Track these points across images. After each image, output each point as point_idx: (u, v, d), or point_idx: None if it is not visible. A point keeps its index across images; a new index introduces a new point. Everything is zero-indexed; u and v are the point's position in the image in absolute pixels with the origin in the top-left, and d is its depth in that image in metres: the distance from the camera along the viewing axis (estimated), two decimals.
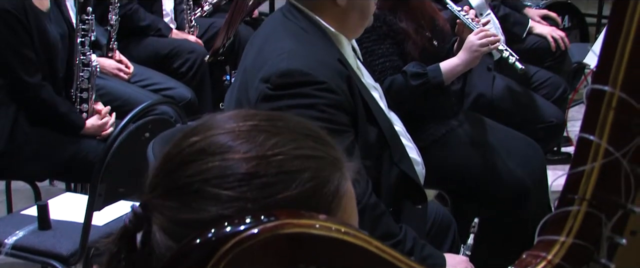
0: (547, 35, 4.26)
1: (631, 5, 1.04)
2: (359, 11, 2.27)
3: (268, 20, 2.48)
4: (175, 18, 4.47)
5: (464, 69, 2.88)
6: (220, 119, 1.01)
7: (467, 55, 2.86)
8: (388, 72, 2.81)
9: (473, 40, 2.86)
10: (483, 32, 2.88)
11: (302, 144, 0.98)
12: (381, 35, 2.84)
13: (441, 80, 2.84)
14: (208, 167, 0.95)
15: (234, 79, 3.51)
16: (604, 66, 1.10)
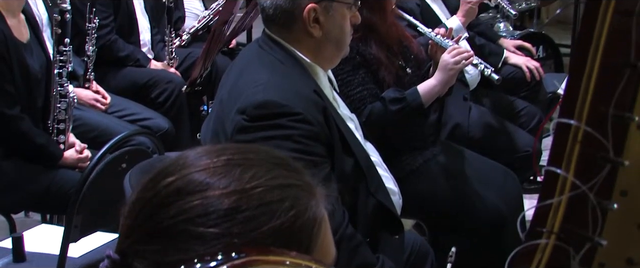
0: (522, 65, 4.30)
1: (594, 43, 1.07)
2: (335, 42, 2.30)
3: (244, 51, 2.50)
4: (153, 48, 4.48)
5: (442, 89, 2.90)
6: (193, 157, 1.01)
7: (443, 75, 2.88)
8: (367, 101, 2.83)
9: (447, 59, 2.88)
10: (455, 50, 2.90)
11: (277, 174, 0.99)
12: (355, 65, 2.86)
13: (420, 103, 2.85)
14: (190, 206, 0.95)
15: (210, 109, 3.52)
16: (570, 101, 1.13)
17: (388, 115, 2.81)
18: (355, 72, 2.85)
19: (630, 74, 1.09)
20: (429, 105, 2.90)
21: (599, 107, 1.10)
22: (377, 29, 2.91)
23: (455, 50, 2.90)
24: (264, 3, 2.25)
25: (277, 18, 2.24)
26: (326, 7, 2.23)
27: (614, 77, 1.10)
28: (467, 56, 2.90)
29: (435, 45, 2.99)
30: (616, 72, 1.10)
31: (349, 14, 2.30)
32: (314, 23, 2.23)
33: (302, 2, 2.21)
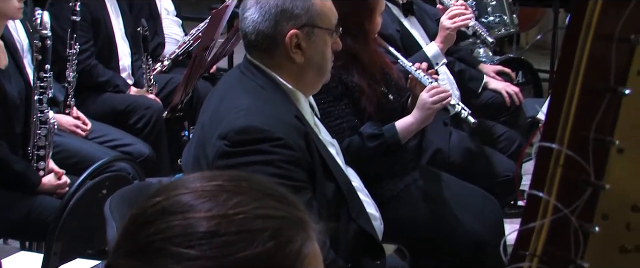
0: (502, 90, 4.31)
1: (574, 68, 1.08)
2: (316, 68, 2.30)
3: (226, 77, 2.50)
4: (133, 74, 4.47)
5: (419, 126, 2.93)
6: (186, 180, 1.03)
7: (421, 113, 2.91)
8: (346, 134, 2.83)
9: (425, 98, 2.90)
10: (434, 89, 2.92)
11: (264, 204, 0.99)
12: (336, 95, 2.87)
13: (398, 140, 2.87)
14: (170, 226, 0.96)
15: (192, 134, 3.51)
16: (552, 125, 1.14)
17: (365, 151, 2.82)
18: (337, 102, 2.87)
19: (610, 99, 1.10)
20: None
21: (580, 131, 1.11)
22: (359, 57, 2.93)
23: (434, 89, 2.92)
24: (246, 28, 2.26)
25: (259, 43, 2.25)
26: (308, 33, 2.24)
27: (594, 101, 1.11)
28: (445, 96, 2.92)
29: (415, 80, 3.01)
30: (597, 97, 1.11)
31: (331, 40, 2.31)
32: (295, 49, 2.24)
33: (284, 28, 2.22)
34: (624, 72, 1.11)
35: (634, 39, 1.09)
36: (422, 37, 3.85)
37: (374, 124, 2.89)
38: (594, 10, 1.06)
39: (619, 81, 1.10)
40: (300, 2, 2.23)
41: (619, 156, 1.16)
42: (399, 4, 3.79)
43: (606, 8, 1.06)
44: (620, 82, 1.10)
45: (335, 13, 2.32)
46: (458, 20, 3.62)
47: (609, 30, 1.08)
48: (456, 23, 3.62)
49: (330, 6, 2.31)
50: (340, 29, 2.36)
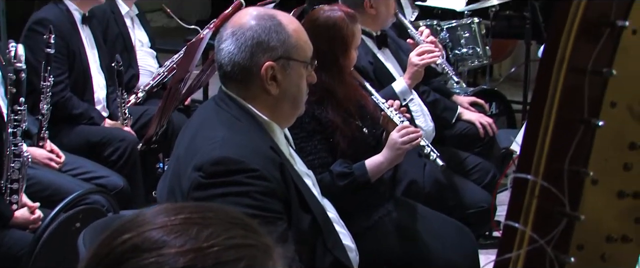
0: (476, 121, 4.34)
1: (549, 100, 1.09)
2: (291, 100, 2.31)
3: (201, 108, 2.49)
4: (108, 106, 4.45)
5: (389, 166, 2.95)
6: (150, 215, 1.01)
7: (391, 153, 2.93)
8: (317, 171, 2.84)
9: (395, 138, 2.92)
10: (405, 129, 2.94)
11: (234, 233, 0.99)
12: (309, 131, 2.88)
13: (367, 179, 2.90)
14: (145, 263, 0.95)
15: (167, 166, 3.49)
16: (526, 156, 1.15)
17: (335, 189, 2.83)
18: (310, 138, 2.88)
19: (584, 130, 1.11)
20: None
21: (555, 162, 1.12)
22: (334, 93, 2.95)
23: (405, 129, 2.94)
24: (222, 60, 2.26)
25: (235, 75, 2.25)
26: (284, 65, 2.25)
27: (569, 133, 1.12)
28: (415, 137, 2.94)
29: (387, 117, 3.03)
30: (571, 128, 1.12)
31: (306, 73, 2.32)
32: (271, 81, 2.24)
33: (260, 60, 2.22)
34: (597, 104, 1.13)
35: (606, 72, 1.10)
36: (396, 69, 3.87)
37: (344, 161, 2.91)
38: (567, 44, 1.08)
39: (593, 113, 1.11)
40: (276, 34, 2.24)
41: (593, 187, 1.17)
42: (373, 36, 3.83)
43: (579, 42, 1.08)
44: (593, 113, 1.12)
45: (311, 46, 2.34)
46: (426, 58, 3.65)
47: (582, 63, 1.10)
48: (424, 60, 3.64)
49: (306, 39, 2.32)
50: (315, 63, 2.37)
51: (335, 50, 3.02)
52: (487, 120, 4.36)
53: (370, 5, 3.75)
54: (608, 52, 1.10)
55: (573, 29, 1.08)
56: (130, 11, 4.94)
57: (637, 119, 1.11)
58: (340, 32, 3.06)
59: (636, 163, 1.16)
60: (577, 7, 1.07)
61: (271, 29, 2.23)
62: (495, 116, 5.18)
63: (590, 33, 1.09)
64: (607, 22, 1.09)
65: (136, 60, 4.90)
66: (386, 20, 3.87)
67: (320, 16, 3.10)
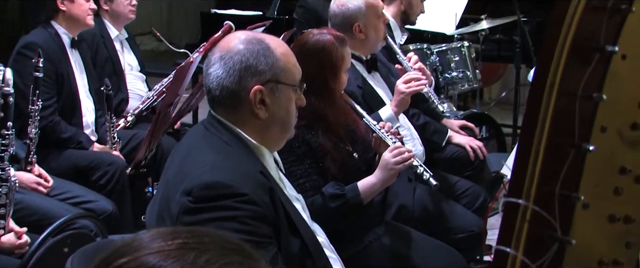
0: (466, 145, 4.34)
1: (539, 124, 1.09)
2: (280, 124, 2.31)
3: (190, 132, 2.49)
4: (96, 130, 4.44)
5: (382, 187, 2.95)
6: (146, 239, 1.00)
7: (384, 174, 2.93)
8: (308, 193, 2.83)
9: (388, 159, 2.93)
10: (397, 149, 2.94)
11: (232, 260, 0.98)
12: (299, 155, 2.88)
13: (360, 200, 2.89)
14: None
15: (156, 191, 3.48)
16: (518, 180, 1.14)
17: (327, 211, 2.83)
18: (300, 163, 2.88)
19: (575, 155, 1.11)
20: None
21: (546, 186, 1.12)
22: (324, 117, 2.95)
23: (397, 149, 2.94)
24: (210, 84, 2.26)
25: (223, 99, 2.25)
26: (272, 89, 2.24)
27: (559, 157, 1.12)
28: (408, 157, 2.94)
29: (379, 139, 3.03)
30: (562, 153, 1.12)
31: (295, 96, 2.32)
32: (259, 104, 2.24)
33: (249, 84, 2.22)
34: (588, 129, 1.13)
35: (596, 96, 1.10)
36: (386, 93, 3.88)
37: (336, 183, 2.90)
38: (558, 69, 1.08)
39: (583, 137, 1.12)
40: (264, 58, 2.24)
41: (584, 211, 1.17)
42: (363, 60, 3.84)
43: (569, 66, 1.08)
44: (584, 138, 1.12)
45: (299, 69, 2.34)
46: (413, 86, 3.65)
47: (573, 87, 1.10)
48: (410, 88, 3.64)
49: (294, 62, 2.32)
50: (304, 86, 2.37)
51: (324, 73, 3.03)
52: (477, 143, 4.37)
53: (360, 30, 3.77)
54: (598, 77, 1.11)
55: (563, 54, 1.08)
56: (119, 35, 4.95)
57: (627, 144, 1.12)
58: (329, 55, 3.06)
59: (626, 188, 1.16)
60: (567, 31, 1.07)
61: (259, 52, 2.23)
62: (485, 140, 5.19)
63: (581, 58, 1.10)
64: (597, 47, 1.10)
65: (125, 84, 4.90)
66: (376, 44, 3.89)
67: (309, 40, 3.11)
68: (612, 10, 1.07)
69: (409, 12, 4.95)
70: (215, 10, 7.69)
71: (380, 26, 3.86)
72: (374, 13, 3.84)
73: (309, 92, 2.44)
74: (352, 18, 3.78)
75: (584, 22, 1.08)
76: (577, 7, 1.07)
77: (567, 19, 1.07)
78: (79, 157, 4.19)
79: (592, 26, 1.10)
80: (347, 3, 3.81)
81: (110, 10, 4.88)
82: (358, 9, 3.79)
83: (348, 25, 3.75)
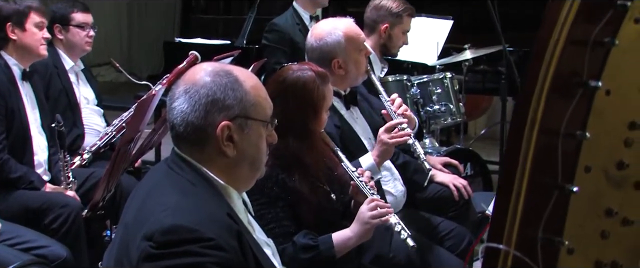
0: (449, 183, 4.36)
1: (520, 163, 1.12)
2: (249, 162, 2.31)
3: (152, 171, 2.49)
4: (49, 169, 4.42)
5: (357, 242, 2.97)
6: None
7: (359, 228, 2.95)
8: (278, 240, 2.84)
9: (364, 212, 2.95)
10: (375, 202, 2.96)
11: None
12: (272, 198, 2.88)
13: (333, 254, 2.90)
14: None
15: (114, 235, 3.46)
16: (498, 223, 1.17)
17: (298, 262, 2.83)
18: (272, 205, 2.88)
19: (558, 196, 1.14)
20: None
21: (528, 230, 1.14)
22: (303, 159, 2.95)
23: (374, 202, 2.96)
24: (174, 119, 2.26)
25: (188, 136, 2.25)
26: (241, 125, 2.25)
27: (542, 199, 1.14)
28: (386, 213, 2.97)
29: (356, 187, 3.05)
30: (544, 194, 1.14)
31: (265, 133, 2.33)
32: (227, 141, 2.24)
33: (215, 119, 2.22)
34: (572, 169, 1.15)
35: (579, 134, 1.13)
36: (364, 131, 3.89)
37: (309, 233, 2.91)
38: (539, 105, 1.10)
39: (567, 178, 1.14)
40: (232, 91, 2.24)
41: (569, 257, 1.19)
42: (341, 95, 3.84)
43: (550, 103, 1.10)
44: (567, 179, 1.14)
45: (270, 103, 2.34)
46: (396, 136, 3.64)
47: (555, 125, 1.12)
48: (394, 139, 3.64)
49: (265, 96, 2.33)
50: (276, 121, 2.38)
51: (304, 113, 3.03)
52: (461, 182, 4.39)
53: (339, 65, 3.76)
54: (581, 114, 1.13)
55: (544, 90, 1.10)
56: (75, 66, 4.95)
57: (613, 184, 1.14)
58: (310, 94, 3.06)
59: (613, 231, 1.19)
60: (548, 66, 1.10)
61: (227, 85, 2.24)
62: (470, 178, 5.22)
63: (563, 94, 1.12)
64: (580, 82, 1.13)
65: (81, 118, 4.89)
66: (356, 79, 3.88)
67: (288, 76, 3.10)
68: (595, 43, 1.10)
69: (388, 44, 5.01)
70: (180, 39, 7.71)
71: (361, 60, 3.85)
72: (355, 47, 3.83)
73: (286, 133, 2.46)
74: (331, 53, 3.77)
75: (566, 56, 1.10)
76: (558, 41, 1.10)
77: (547, 53, 1.10)
78: (30, 199, 4.16)
79: (574, 61, 1.13)
80: (326, 37, 3.80)
81: (65, 39, 4.89)
82: (337, 43, 3.78)
83: (326, 60, 3.74)
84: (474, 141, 7.59)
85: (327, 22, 3.93)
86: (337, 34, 3.79)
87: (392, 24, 4.97)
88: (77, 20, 4.90)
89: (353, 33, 3.85)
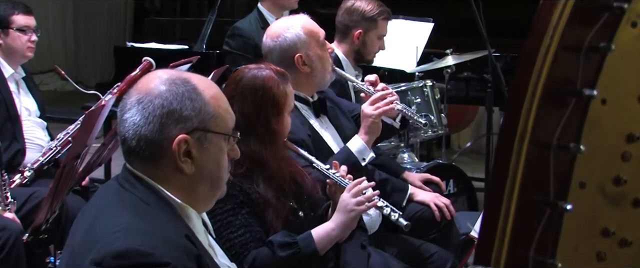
0: (430, 202, 4.37)
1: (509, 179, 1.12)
2: (209, 180, 2.30)
3: (101, 190, 2.48)
4: None
5: (340, 233, 2.95)
6: None
7: (343, 216, 2.94)
8: (250, 246, 2.83)
9: (347, 200, 2.94)
10: (357, 187, 2.96)
11: None
12: (237, 204, 2.88)
13: (314, 249, 2.89)
14: None
15: (59, 261, 3.44)
16: (486, 244, 1.17)
17: (276, 263, 2.82)
18: (237, 211, 2.87)
19: (550, 214, 1.14)
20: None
21: (518, 251, 1.15)
22: (266, 165, 2.96)
23: (357, 187, 2.96)
24: (126, 133, 2.25)
25: (141, 151, 2.25)
26: (200, 139, 2.25)
27: (533, 217, 1.15)
28: (371, 196, 2.96)
29: (334, 185, 3.04)
30: (535, 212, 1.15)
31: (227, 147, 2.33)
32: (185, 157, 2.24)
33: (172, 132, 2.21)
34: (565, 184, 1.16)
35: (573, 147, 1.14)
36: (335, 139, 3.90)
37: (286, 232, 2.90)
38: (529, 115, 1.11)
39: (560, 195, 1.15)
40: (190, 101, 2.24)
41: None
42: (309, 102, 3.84)
43: (542, 113, 1.11)
44: (560, 195, 1.15)
45: (232, 115, 2.34)
46: (381, 105, 3.67)
47: (546, 137, 1.13)
48: (380, 108, 3.66)
49: (227, 107, 2.33)
50: (239, 135, 2.38)
51: (266, 113, 3.04)
52: (443, 200, 4.40)
53: (302, 61, 3.77)
54: (575, 125, 1.14)
55: (535, 99, 1.11)
56: (15, 73, 4.92)
57: (610, 201, 1.15)
58: (270, 92, 3.08)
59: (610, 252, 1.19)
60: (539, 73, 1.10)
61: (184, 95, 2.24)
62: (453, 196, 5.24)
63: (555, 103, 1.13)
64: (573, 91, 1.13)
65: (22, 132, 4.86)
66: (323, 78, 3.88)
67: (245, 76, 3.12)
68: (589, 49, 1.11)
69: (363, 51, 5.00)
70: (132, 44, 7.70)
71: (325, 56, 3.87)
72: (315, 40, 3.84)
73: (248, 135, 2.46)
74: (292, 49, 3.78)
75: (558, 62, 1.11)
76: (549, 46, 1.10)
77: (538, 60, 1.10)
78: None
79: (567, 67, 1.14)
80: (283, 33, 3.82)
81: (4, 45, 4.87)
82: (296, 37, 3.80)
83: (288, 58, 3.75)
84: (458, 155, 7.62)
85: (281, 21, 3.97)
86: (296, 28, 3.82)
87: (366, 29, 4.95)
88: (17, 24, 4.88)
89: (312, 26, 3.88)
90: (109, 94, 4.72)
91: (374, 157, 3.75)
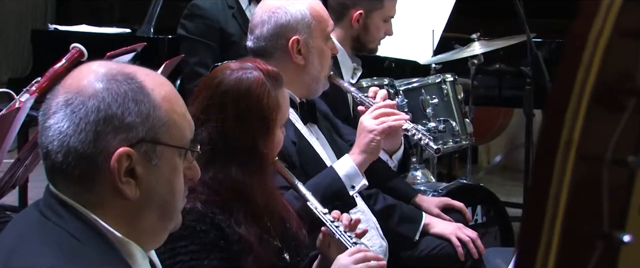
0: (451, 236, 4.37)
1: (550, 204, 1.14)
2: (159, 207, 2.30)
3: (15, 221, 2.48)
4: None
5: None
6: None
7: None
8: None
9: (348, 265, 2.95)
10: (362, 253, 2.98)
11: None
12: (206, 244, 2.85)
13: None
14: None
15: None
16: None
17: None
18: (206, 255, 2.85)
19: (604, 248, 1.16)
20: None
21: None
22: (250, 198, 2.94)
23: (362, 253, 2.96)
24: (49, 144, 2.23)
25: (70, 168, 2.23)
26: (147, 153, 2.24)
27: (581, 252, 1.16)
28: (371, 257, 2.98)
29: (330, 237, 3.04)
30: (584, 247, 1.16)
31: (183, 165, 2.32)
32: (127, 177, 2.22)
33: (110, 144, 2.20)
34: (622, 210, 1.17)
35: (632, 161, 1.15)
36: (326, 150, 3.90)
37: None
38: (576, 122, 1.11)
39: (615, 223, 1.16)
40: (135, 104, 2.22)
41: None
42: (296, 103, 3.83)
43: (592, 118, 1.12)
44: (616, 224, 1.16)
45: (191, 122, 2.34)
46: (388, 120, 3.64)
47: (598, 149, 1.14)
48: (385, 124, 3.62)
49: (183, 111, 2.32)
50: (199, 149, 2.38)
51: (250, 130, 3.00)
52: (468, 233, 4.41)
53: (298, 49, 3.77)
54: (635, 133, 1.15)
55: (583, 100, 1.12)
56: None
57: None
58: (258, 102, 3.03)
59: None
60: (588, 65, 1.11)
61: (127, 95, 2.22)
62: (481, 227, 5.23)
63: (609, 105, 1.14)
64: (632, 89, 1.14)
65: None
66: (316, 80, 3.87)
67: (225, 79, 3.06)
68: None
69: (363, 37, 4.98)
70: (56, 27, 7.66)
71: (326, 53, 3.87)
72: (321, 29, 3.84)
73: (227, 158, 2.45)
74: (289, 28, 3.80)
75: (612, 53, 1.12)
76: (601, 31, 1.11)
77: (587, 49, 1.11)
78: None
79: (624, 59, 1.15)
80: (286, 6, 3.82)
81: None
82: (300, 15, 3.82)
83: (282, 37, 3.75)
84: (487, 174, 7.64)
85: None
86: (302, 5, 3.81)
87: (369, 9, 4.94)
88: None
89: (322, 11, 3.88)
90: (25, 92, 4.72)
91: (366, 186, 3.71)
